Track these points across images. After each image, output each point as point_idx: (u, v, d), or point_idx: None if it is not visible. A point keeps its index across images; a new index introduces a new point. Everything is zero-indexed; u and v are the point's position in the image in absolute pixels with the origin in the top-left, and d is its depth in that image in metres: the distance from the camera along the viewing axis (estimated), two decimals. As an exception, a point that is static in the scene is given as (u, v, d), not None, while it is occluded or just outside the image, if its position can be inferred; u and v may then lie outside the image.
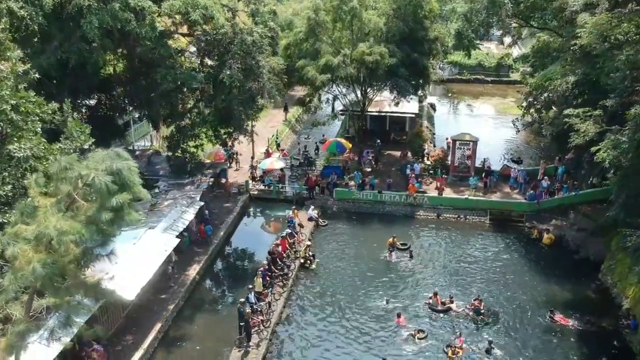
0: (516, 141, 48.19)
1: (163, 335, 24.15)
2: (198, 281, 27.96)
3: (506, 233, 32.79)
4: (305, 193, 35.59)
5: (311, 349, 23.54)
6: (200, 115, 33.10)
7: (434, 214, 34.59)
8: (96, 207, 15.24)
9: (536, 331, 24.62)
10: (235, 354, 22.72)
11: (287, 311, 25.94)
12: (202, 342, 24.04)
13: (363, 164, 38.75)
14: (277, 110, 52.12)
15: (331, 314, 25.67)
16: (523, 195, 34.94)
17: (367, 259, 29.98)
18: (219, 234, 31.39)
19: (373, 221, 34.34)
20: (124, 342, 22.92)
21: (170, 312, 24.99)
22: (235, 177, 38.23)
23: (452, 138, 37.23)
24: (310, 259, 29.37)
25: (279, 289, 26.61)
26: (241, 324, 23.13)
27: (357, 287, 27.57)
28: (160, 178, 33.33)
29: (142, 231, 25.73)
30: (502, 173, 37.28)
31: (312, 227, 32.84)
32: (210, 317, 25.86)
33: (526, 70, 64.07)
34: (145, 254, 24.36)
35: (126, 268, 22.74)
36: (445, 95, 62.18)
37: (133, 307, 24.81)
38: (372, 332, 24.48)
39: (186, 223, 27.97)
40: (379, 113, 43.22)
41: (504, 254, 30.90)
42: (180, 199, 29.77)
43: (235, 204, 34.90)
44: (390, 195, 35.18)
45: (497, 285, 27.91)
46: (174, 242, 26.01)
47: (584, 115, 24.51)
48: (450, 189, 35.92)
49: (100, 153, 15.35)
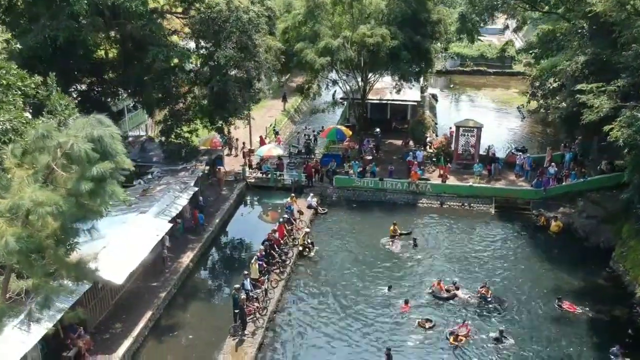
0: (520, 131, 47.09)
1: (154, 323, 22.99)
2: (192, 269, 26.78)
3: (512, 221, 31.63)
4: (304, 181, 34.40)
5: (310, 338, 22.37)
6: (195, 99, 32.01)
7: (437, 202, 33.42)
8: (76, 177, 14.08)
9: (545, 319, 23.53)
10: (229, 343, 21.56)
11: (284, 299, 24.78)
12: (195, 331, 22.89)
13: (364, 152, 37.56)
14: (276, 101, 51.13)
15: (331, 302, 24.51)
16: (529, 182, 33.80)
17: (368, 247, 28.82)
18: (214, 222, 30.22)
19: (374, 209, 33.17)
20: (112, 330, 21.75)
21: (162, 300, 23.82)
22: (233, 165, 37.01)
23: (456, 124, 36.06)
24: (309, 246, 28.20)
25: (276, 276, 25.41)
26: (236, 311, 21.97)
27: (357, 275, 26.41)
28: (153, 165, 32.15)
29: (132, 215, 24.60)
30: (507, 160, 36.13)
31: (311, 215, 31.66)
32: (203, 306, 24.72)
33: (529, 61, 63.54)
34: (135, 238, 23.20)
35: (115, 252, 21.65)
36: (447, 87, 60.99)
37: (123, 294, 23.69)
38: (374, 320, 23.33)
39: (179, 208, 26.80)
40: (380, 101, 42.05)
41: (510, 242, 29.76)
42: (173, 184, 28.59)
43: (232, 192, 33.72)
44: (391, 183, 34.01)
45: (503, 273, 26.76)
46: (166, 227, 24.82)
47: (597, 91, 23.33)
48: (453, 177, 34.73)
49: (81, 120, 14.22)
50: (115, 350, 20.57)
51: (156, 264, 25.77)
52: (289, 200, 30.90)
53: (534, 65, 43.02)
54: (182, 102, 31.20)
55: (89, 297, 21.23)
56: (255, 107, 48.52)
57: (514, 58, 65.02)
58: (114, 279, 20.88)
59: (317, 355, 21.47)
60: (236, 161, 37.75)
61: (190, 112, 31.09)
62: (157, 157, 33.10)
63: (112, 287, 22.83)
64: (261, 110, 48.26)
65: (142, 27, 26.49)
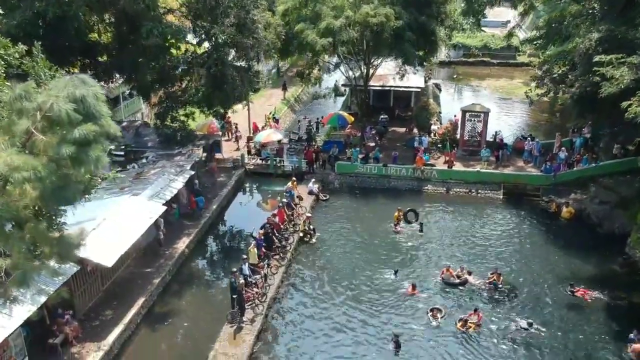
0: (526, 119, 45.92)
1: (147, 310, 21.77)
2: (188, 255, 25.55)
3: (521, 208, 30.40)
4: (305, 167, 33.16)
5: (312, 326, 21.15)
6: (191, 82, 30.79)
7: (443, 189, 32.18)
8: (56, 141, 12.85)
9: (559, 306, 22.34)
10: (227, 331, 20.33)
11: (285, 286, 23.57)
12: (190, 319, 21.68)
13: (366, 140, 36.28)
14: (275, 90, 50.03)
15: (333, 289, 23.28)
16: (538, 168, 32.57)
17: (372, 234, 27.60)
18: (212, 208, 28.98)
19: (378, 196, 31.93)
20: (102, 317, 20.52)
21: (156, 286, 22.58)
22: (231, 152, 35.76)
23: (462, 109, 34.80)
24: (311, 232, 26.97)
25: (275, 262, 24.18)
26: (233, 296, 20.75)
27: (361, 262, 25.20)
28: (148, 150, 30.93)
29: (124, 198, 23.39)
30: (515, 146, 34.86)
31: (312, 202, 30.43)
32: (199, 293, 23.49)
33: (534, 52, 62.32)
34: (127, 220, 21.98)
35: (106, 234, 20.48)
36: (450, 78, 59.71)
37: (114, 280, 22.48)
38: (379, 306, 22.12)
39: (174, 191, 25.55)
40: (383, 87, 40.76)
41: (520, 228, 28.54)
42: (168, 167, 27.37)
43: (230, 179, 32.47)
44: (395, 169, 32.77)
45: (513, 260, 25.54)
46: (160, 210, 23.60)
47: (617, 62, 22.09)
48: (460, 164, 33.48)
49: (62, 80, 13.04)
50: (104, 338, 19.36)
51: (151, 249, 24.59)
52: (289, 184, 29.67)
53: (541, 53, 41.54)
54: (178, 85, 29.96)
55: (77, 282, 20.01)
56: (255, 96, 47.46)
57: (518, 49, 64.04)
58: (103, 262, 19.68)
59: (319, 343, 20.24)
60: (235, 146, 36.43)
61: (187, 95, 29.81)
62: (152, 142, 31.89)
63: (102, 273, 21.65)
64: (260, 99, 47.12)
65: (135, 0, 25.24)
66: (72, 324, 19.14)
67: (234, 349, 19.37)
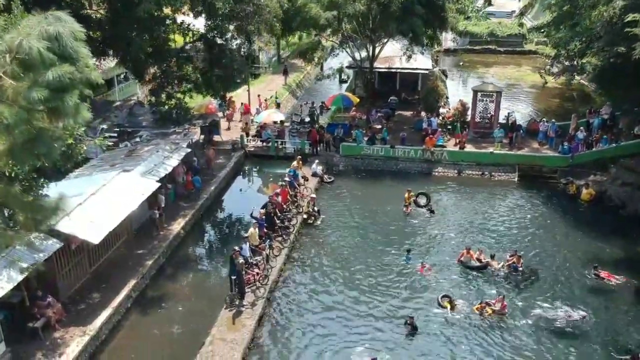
0: (537, 105, 44.13)
1: (139, 294, 20.05)
2: (183, 237, 23.82)
3: (538, 190, 28.69)
4: (308, 149, 31.41)
5: (317, 310, 19.41)
6: (187, 57, 29.07)
7: (454, 171, 30.44)
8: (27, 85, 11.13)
9: (583, 289, 20.79)
10: (225, 315, 18.60)
11: (288, 268, 21.84)
12: (185, 303, 19.97)
13: (372, 122, 34.52)
14: (276, 76, 48.35)
15: (341, 271, 21.57)
16: (554, 150, 30.86)
17: (380, 216, 25.89)
18: (209, 189, 27.24)
19: (385, 179, 30.20)
20: (89, 300, 18.78)
21: (149, 268, 20.85)
22: (230, 134, 33.99)
23: (474, 89, 33.10)
24: (315, 214, 25.25)
25: (278, 244, 22.44)
26: (233, 277, 19.01)
27: (370, 245, 23.48)
28: (142, 129, 29.21)
29: (114, 174, 21.64)
30: (530, 128, 33.12)
31: (316, 184, 28.68)
32: (195, 276, 21.78)
33: (541, 39, 60.69)
34: (117, 196, 20.24)
35: (93, 210, 18.76)
36: (457, 65, 58.01)
37: (103, 262, 20.73)
38: (389, 290, 20.41)
39: (169, 169, 23.84)
40: (389, 69, 39.00)
41: (538, 211, 26.82)
42: (163, 144, 25.65)
43: (229, 160, 30.72)
44: (404, 151, 31.04)
45: (532, 243, 23.82)
46: (154, 186, 21.85)
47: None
48: (471, 146, 31.74)
49: (35, 17, 11.30)
50: (91, 322, 17.63)
51: (144, 230, 22.88)
52: (294, 163, 27.93)
53: (553, 31, 39.71)
54: (174, 59, 28.22)
55: (61, 262, 18.27)
56: (255, 82, 45.93)
57: (525, 36, 62.41)
58: (90, 238, 17.96)
59: (325, 330, 18.47)
60: (234, 128, 34.64)
61: (183, 72, 28.06)
62: (147, 122, 30.19)
63: (90, 253, 19.92)
64: (260, 85, 45.43)
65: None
66: (55, 306, 17.41)
67: (232, 334, 17.64)
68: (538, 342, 17.80)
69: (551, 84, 49.96)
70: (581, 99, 40.54)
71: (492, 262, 21.50)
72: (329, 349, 17.53)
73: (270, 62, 53.18)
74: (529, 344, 17.70)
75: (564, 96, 45.72)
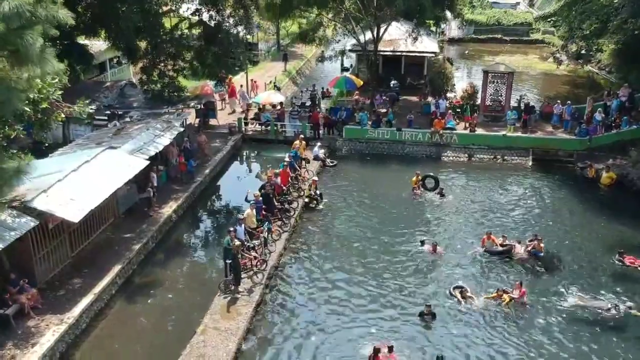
0: (546, 92, 42.38)
1: (125, 280, 18.30)
2: (175, 221, 22.09)
3: (554, 174, 26.96)
4: (310, 132, 29.65)
5: (320, 300, 17.63)
6: (181, 35, 27.36)
7: (464, 155, 28.71)
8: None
9: (609, 276, 19.00)
10: (219, 302, 16.84)
11: (288, 254, 20.09)
12: (176, 291, 18.23)
13: (376, 107, 32.75)
14: (276, 63, 46.70)
15: (346, 258, 19.80)
16: (570, 133, 29.12)
17: (386, 200, 24.15)
18: (204, 172, 25.51)
19: (391, 163, 28.47)
20: (69, 286, 17.03)
21: (136, 253, 19.09)
22: (227, 118, 32.28)
23: (484, 70, 31.41)
24: (317, 198, 23.51)
25: (277, 228, 20.69)
26: (228, 261, 17.26)
27: (376, 230, 21.71)
28: (133, 110, 27.44)
29: (98, 150, 19.89)
30: (544, 111, 31.37)
31: (318, 167, 26.93)
32: (188, 263, 20.02)
33: (548, 29, 59.18)
34: (101, 174, 18.48)
35: (73, 187, 17.00)
36: (462, 55, 56.33)
37: (87, 246, 18.99)
38: (397, 277, 18.65)
39: (160, 147, 22.08)
40: (394, 53, 37.21)
41: (555, 195, 25.12)
42: (154, 123, 23.90)
43: (225, 144, 28.98)
44: (411, 134, 29.30)
45: (551, 228, 22.05)
46: (142, 164, 20.09)
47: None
48: (482, 130, 30.00)
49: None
50: (69, 310, 15.87)
51: (132, 213, 21.17)
52: (296, 142, 26.21)
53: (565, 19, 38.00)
54: (167, 35, 26.49)
55: (38, 243, 16.52)
56: (254, 69, 44.21)
57: (532, 25, 60.91)
58: (68, 217, 16.19)
59: (328, 319, 16.69)
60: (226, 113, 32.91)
61: (176, 46, 26.33)
62: (139, 102, 28.42)
63: (72, 235, 18.20)
64: (260, 71, 43.78)
65: None
66: (30, 292, 15.67)
67: (227, 322, 15.89)
68: (563, 334, 16.01)
69: (560, 71, 48.52)
70: (591, 87, 38.83)
71: (516, 245, 19.72)
72: (332, 340, 15.78)
73: (269, 50, 51.52)
74: (553, 336, 15.91)
75: (574, 83, 44.11)
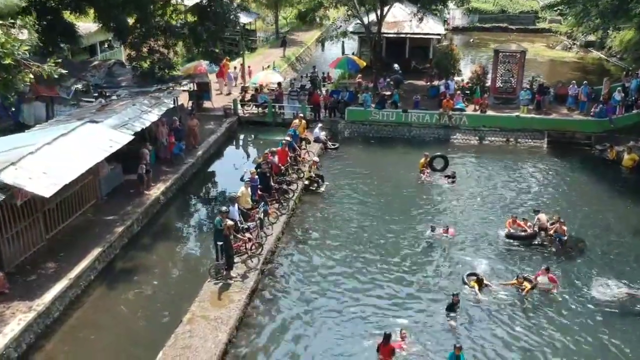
0: (556, 78, 40.60)
1: (106, 265, 16.52)
2: (164, 204, 20.30)
3: (571, 157, 25.22)
4: (310, 114, 27.87)
5: (322, 288, 15.81)
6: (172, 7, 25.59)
7: (475, 138, 26.97)
8: None
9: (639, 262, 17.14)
10: (209, 288, 15.06)
11: (287, 238, 18.31)
12: (162, 277, 16.47)
13: (380, 90, 30.93)
14: (274, 49, 44.91)
15: (348, 244, 17.99)
16: (586, 115, 27.35)
17: (393, 185, 22.39)
18: (196, 154, 23.74)
19: (396, 146, 26.72)
20: (41, 270, 15.23)
21: (119, 236, 17.30)
22: (222, 101, 30.49)
23: (495, 48, 29.66)
24: (318, 180, 21.73)
25: (275, 210, 18.90)
26: (219, 243, 15.47)
27: (383, 215, 19.90)
28: (121, 89, 25.61)
29: (78, 123, 18.09)
30: (558, 92, 29.59)
31: (319, 150, 25.14)
32: (176, 248, 18.20)
33: (554, 17, 57.52)
34: (78, 147, 16.70)
35: (46, 161, 15.22)
36: (467, 44, 54.53)
37: (65, 227, 17.20)
38: (411, 268, 16.83)
39: (147, 124, 20.27)
40: (398, 35, 35.44)
41: (574, 178, 23.38)
42: (141, 98, 22.10)
43: (220, 126, 27.20)
44: (417, 115, 27.53)
45: (572, 212, 20.14)
46: (126, 139, 18.27)
47: None
48: (493, 112, 28.24)
49: None
50: (40, 296, 14.08)
51: (117, 194, 19.41)
52: (296, 122, 24.47)
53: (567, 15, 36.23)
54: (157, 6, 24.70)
55: (4, 222, 14.72)
56: (252, 55, 42.55)
57: (538, 14, 59.27)
58: (39, 191, 14.34)
59: (330, 309, 14.82)
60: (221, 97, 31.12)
61: (166, 19, 24.54)
62: (128, 81, 26.60)
63: (47, 216, 16.40)
64: (257, 57, 42.01)
65: None
66: (-6, 276, 13.91)
67: (217, 311, 14.09)
68: (593, 325, 14.22)
69: (570, 58, 46.88)
70: (601, 73, 37.10)
71: (543, 219, 17.96)
72: (333, 332, 13.99)
73: (268, 38, 49.77)
74: (583, 328, 14.10)
75: (585, 69, 42.45)
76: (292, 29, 53.05)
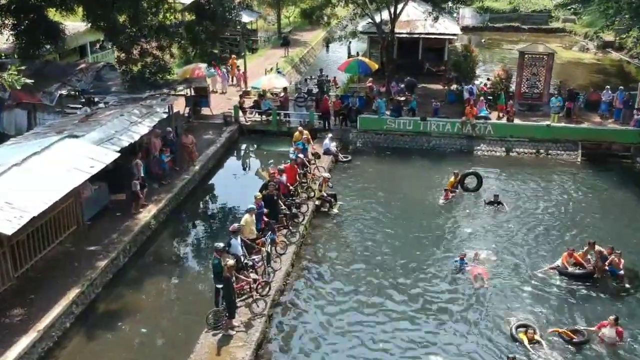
0: (576, 81, 38.16)
1: (85, 309, 14.01)
2: (155, 229, 17.75)
3: (608, 171, 22.77)
4: (318, 122, 25.34)
5: (339, 336, 13.32)
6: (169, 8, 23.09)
7: (501, 149, 24.48)
8: None
9: None
10: (207, 340, 12.55)
11: (297, 273, 15.79)
12: (151, 322, 13.97)
13: (393, 95, 28.39)
14: (276, 50, 42.35)
15: (370, 278, 15.48)
16: (623, 123, 24.89)
17: (413, 204, 19.89)
18: (193, 170, 21.21)
19: (415, 159, 24.21)
20: (7, 319, 12.74)
21: (101, 272, 14.78)
22: (221, 107, 27.95)
23: (520, 50, 27.16)
24: (330, 200, 19.21)
25: (283, 238, 16.37)
26: (218, 286, 12.95)
27: (405, 241, 17.39)
28: (110, 95, 23.09)
29: (55, 138, 15.56)
30: (589, 99, 27.10)
31: (329, 163, 22.64)
32: (169, 284, 15.68)
33: (568, 16, 55.24)
34: (53, 169, 14.17)
35: (11, 188, 12.66)
36: (478, 44, 52.02)
37: (38, 262, 14.68)
38: (436, 301, 14.39)
39: (135, 137, 17.75)
40: (411, 35, 32.85)
41: (616, 197, 20.87)
42: (130, 108, 19.56)
43: (219, 135, 24.68)
44: (437, 124, 25.02)
45: (618, 238, 17.60)
46: (111, 156, 15.74)
47: None
48: (518, 121, 25.73)
49: None
50: (2, 353, 11.56)
51: (104, 217, 16.92)
52: (296, 134, 21.92)
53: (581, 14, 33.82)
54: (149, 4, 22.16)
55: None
56: (253, 56, 40.16)
57: (551, 13, 56.84)
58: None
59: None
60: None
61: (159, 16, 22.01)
62: (118, 87, 24.05)
63: (15, 249, 13.85)
64: (259, 59, 39.48)
65: None
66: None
67: (216, 371, 11.61)
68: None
69: (588, 59, 44.53)
70: (624, 76, 34.66)
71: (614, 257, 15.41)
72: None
73: (270, 38, 47.22)
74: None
75: (606, 71, 40.03)
76: (295, 28, 50.62)
